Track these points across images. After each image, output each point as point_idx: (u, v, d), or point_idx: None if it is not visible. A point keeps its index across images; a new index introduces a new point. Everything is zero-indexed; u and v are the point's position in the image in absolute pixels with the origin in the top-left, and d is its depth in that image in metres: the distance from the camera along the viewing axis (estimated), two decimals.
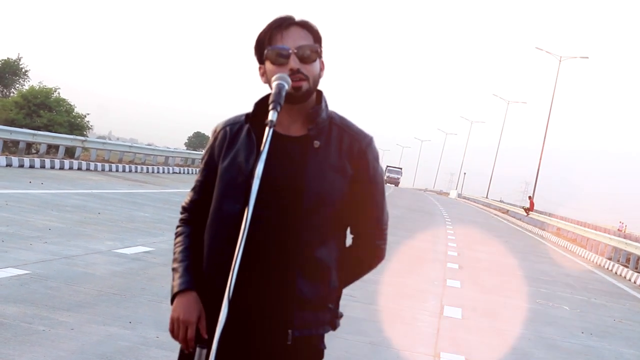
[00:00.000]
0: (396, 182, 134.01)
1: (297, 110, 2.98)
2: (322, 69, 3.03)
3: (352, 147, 3.03)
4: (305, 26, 3.00)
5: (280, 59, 2.93)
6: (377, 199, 3.10)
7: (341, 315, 3.12)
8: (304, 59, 2.94)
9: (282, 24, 2.99)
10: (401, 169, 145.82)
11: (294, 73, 2.91)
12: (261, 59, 3.02)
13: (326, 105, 3.05)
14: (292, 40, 2.95)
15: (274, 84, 2.86)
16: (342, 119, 3.08)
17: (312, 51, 2.96)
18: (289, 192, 2.93)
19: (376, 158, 3.09)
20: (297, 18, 3.02)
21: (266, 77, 2.99)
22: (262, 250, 2.92)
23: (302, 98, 2.95)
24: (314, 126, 2.98)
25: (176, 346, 3.06)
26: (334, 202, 2.98)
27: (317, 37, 3.01)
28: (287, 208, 2.93)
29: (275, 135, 2.90)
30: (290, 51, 2.93)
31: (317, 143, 2.98)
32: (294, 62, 2.92)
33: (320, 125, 3.00)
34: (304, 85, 2.93)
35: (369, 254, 3.16)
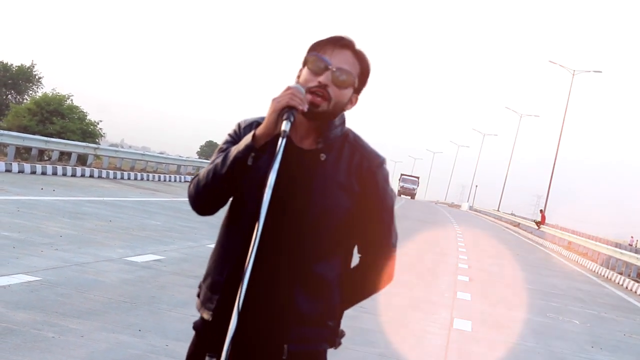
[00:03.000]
0: (411, 194, 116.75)
1: (313, 124, 2.96)
2: (352, 103, 3.00)
3: (362, 165, 3.00)
4: (359, 56, 2.98)
5: (316, 68, 2.92)
6: (385, 220, 3.06)
7: (343, 334, 3.08)
8: (338, 82, 2.91)
9: (340, 42, 2.98)
10: (417, 178, 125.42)
11: (319, 87, 2.90)
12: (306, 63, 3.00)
13: (342, 123, 3.02)
14: (338, 60, 2.93)
15: None
16: (356, 137, 3.06)
17: (348, 78, 2.93)
18: (293, 204, 2.92)
19: (386, 179, 3.06)
20: (357, 46, 2.99)
21: (297, 81, 2.97)
22: (265, 262, 2.90)
23: (316, 116, 2.92)
24: (322, 140, 2.96)
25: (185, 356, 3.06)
26: (337, 219, 2.96)
27: (364, 71, 2.99)
28: (290, 220, 2.92)
29: (289, 146, 2.88)
30: (330, 67, 2.91)
31: (323, 156, 2.95)
32: (325, 78, 2.91)
33: (330, 140, 2.97)
34: (323, 104, 2.90)
35: (374, 274, 3.09)
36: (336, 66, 2.92)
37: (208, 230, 17.20)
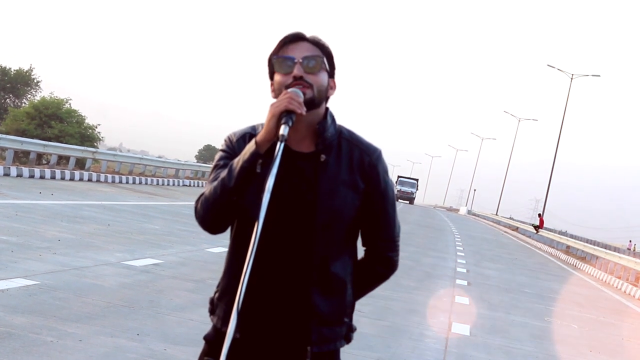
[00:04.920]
0: (410, 198, 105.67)
1: (305, 126, 2.98)
2: (332, 87, 3.04)
3: (363, 160, 3.04)
4: (315, 42, 3.03)
5: (285, 68, 2.96)
6: (389, 211, 3.10)
7: (355, 329, 3.14)
8: (309, 69, 2.96)
9: (292, 39, 3.02)
10: (417, 180, 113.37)
11: (296, 80, 2.94)
12: (272, 74, 3.04)
13: (333, 120, 3.05)
14: (299, 52, 2.98)
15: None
16: (350, 133, 3.09)
17: (317, 62, 2.98)
18: (303, 208, 2.94)
19: (386, 171, 3.11)
20: (309, 35, 3.05)
21: (275, 92, 3.01)
22: (278, 266, 2.93)
23: (306, 105, 2.93)
24: (321, 141, 2.99)
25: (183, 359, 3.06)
26: (347, 217, 2.99)
27: (326, 54, 3.04)
28: (301, 224, 2.94)
29: (287, 151, 2.91)
30: (296, 60, 2.96)
31: (323, 157, 2.98)
32: (297, 70, 2.95)
33: (328, 141, 3.00)
34: (308, 92, 2.93)
35: (381, 266, 3.15)
36: (300, 57, 2.97)
37: (206, 234, 17.13)
